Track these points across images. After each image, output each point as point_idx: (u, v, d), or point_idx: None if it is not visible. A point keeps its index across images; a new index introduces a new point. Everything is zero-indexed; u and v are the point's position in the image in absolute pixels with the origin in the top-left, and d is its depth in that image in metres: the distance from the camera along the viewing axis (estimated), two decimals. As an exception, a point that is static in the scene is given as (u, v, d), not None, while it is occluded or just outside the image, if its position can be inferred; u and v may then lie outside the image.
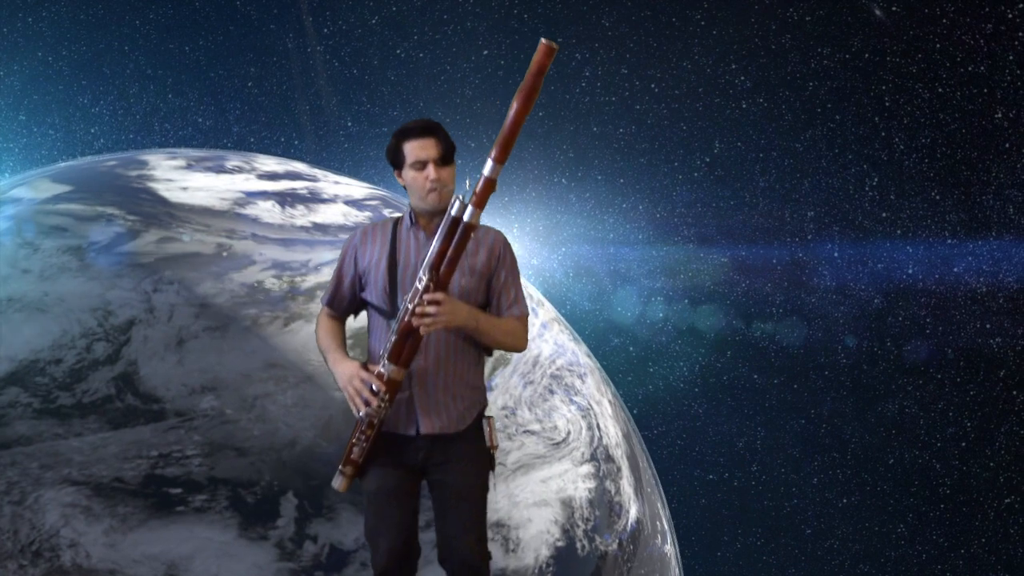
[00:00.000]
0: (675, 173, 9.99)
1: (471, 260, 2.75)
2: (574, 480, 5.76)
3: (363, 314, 2.89)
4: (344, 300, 2.86)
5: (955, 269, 9.75)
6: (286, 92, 9.73)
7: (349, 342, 2.87)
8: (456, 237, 2.58)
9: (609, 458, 6.45)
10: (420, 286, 2.59)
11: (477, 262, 2.76)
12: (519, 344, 2.81)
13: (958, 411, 9.92)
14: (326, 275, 5.47)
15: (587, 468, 6.00)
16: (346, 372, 2.68)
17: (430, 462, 2.74)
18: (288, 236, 5.68)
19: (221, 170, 6.58)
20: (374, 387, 2.62)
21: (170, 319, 4.86)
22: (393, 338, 2.62)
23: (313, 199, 6.40)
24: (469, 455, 2.75)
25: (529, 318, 2.86)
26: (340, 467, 2.71)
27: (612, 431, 6.82)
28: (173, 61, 9.64)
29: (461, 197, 2.57)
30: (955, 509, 9.99)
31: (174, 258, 5.24)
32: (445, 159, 2.69)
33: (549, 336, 6.89)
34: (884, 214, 9.85)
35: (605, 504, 5.99)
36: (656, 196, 10.06)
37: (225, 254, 5.30)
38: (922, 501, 10.09)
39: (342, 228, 6.10)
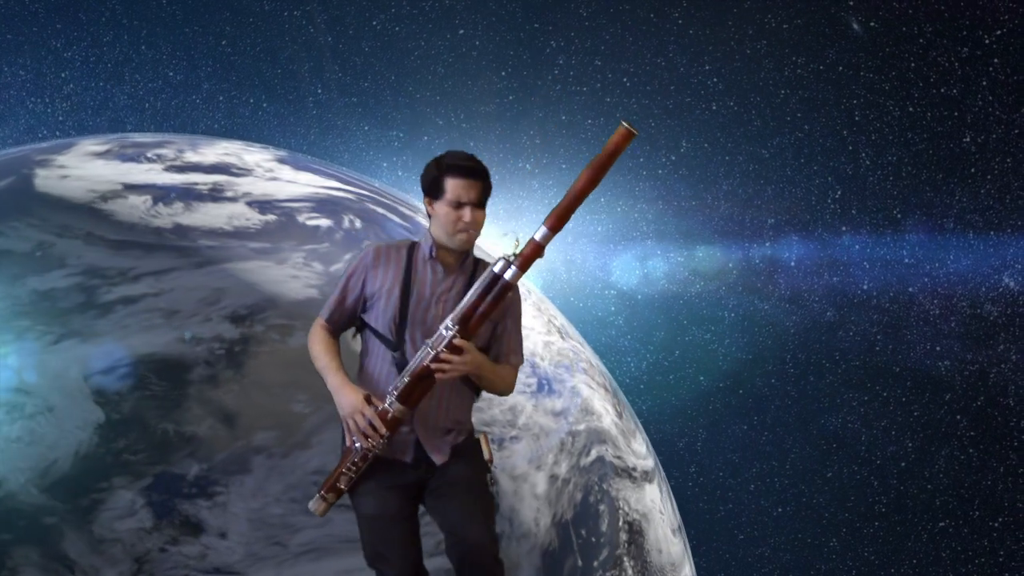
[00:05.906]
0: (639, 169, 10.02)
1: None
2: None
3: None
4: (344, 318, 2.80)
5: (910, 289, 9.72)
6: (259, 54, 9.75)
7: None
8: (492, 294, 2.58)
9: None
10: (447, 334, 2.58)
11: None
12: (509, 390, 2.84)
13: (900, 431, 9.88)
14: (144, 286, 4.86)
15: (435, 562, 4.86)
16: (351, 403, 2.63)
17: (427, 475, 2.73)
18: (129, 238, 5.11)
19: (133, 158, 6.12)
20: (374, 424, 2.60)
21: (-70, 327, 4.43)
22: (407, 379, 2.60)
23: (208, 197, 5.81)
24: (467, 458, 2.76)
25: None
26: (321, 492, 2.67)
27: (528, 517, 5.53)
28: (149, 13, 9.61)
29: (508, 258, 2.58)
30: (889, 528, 9.96)
31: (-21, 257, 4.80)
32: (482, 202, 2.70)
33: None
34: (844, 228, 9.83)
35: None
36: (618, 190, 10.06)
37: (39, 254, 4.81)
38: (857, 517, 10.04)
39: (212, 232, 5.47)
